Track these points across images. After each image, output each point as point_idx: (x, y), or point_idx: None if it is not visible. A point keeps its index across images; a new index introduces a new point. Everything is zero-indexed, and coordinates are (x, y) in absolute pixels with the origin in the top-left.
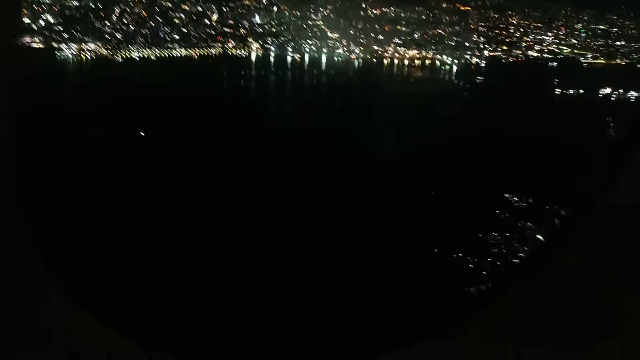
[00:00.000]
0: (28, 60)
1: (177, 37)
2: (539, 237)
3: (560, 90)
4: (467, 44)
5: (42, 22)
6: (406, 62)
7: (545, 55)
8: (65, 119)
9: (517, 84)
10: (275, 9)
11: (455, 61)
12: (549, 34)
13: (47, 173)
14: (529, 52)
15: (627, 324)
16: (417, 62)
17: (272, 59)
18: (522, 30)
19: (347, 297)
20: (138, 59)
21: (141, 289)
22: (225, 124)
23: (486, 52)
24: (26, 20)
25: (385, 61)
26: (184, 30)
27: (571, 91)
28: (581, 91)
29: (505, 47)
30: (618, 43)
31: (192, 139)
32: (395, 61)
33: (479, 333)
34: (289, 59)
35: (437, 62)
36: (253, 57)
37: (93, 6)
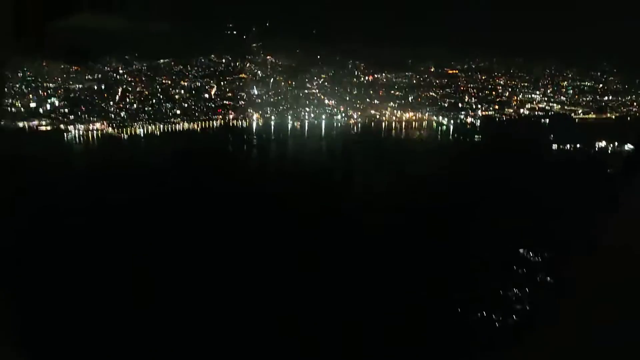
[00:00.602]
0: (37, 142)
1: (178, 112)
2: (557, 290)
3: (557, 146)
4: (460, 104)
5: (48, 106)
6: (404, 123)
7: (537, 113)
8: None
9: (514, 141)
10: (271, 80)
11: (452, 121)
12: (537, 92)
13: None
14: (521, 110)
15: None
16: (414, 123)
17: (272, 127)
18: (510, 90)
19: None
20: (142, 135)
21: None
22: (231, 188)
23: (479, 112)
24: (32, 104)
25: (383, 124)
26: (185, 105)
27: (568, 146)
28: (578, 145)
29: (497, 107)
30: (606, 98)
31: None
32: (393, 123)
33: None
34: (289, 126)
35: (434, 123)
36: (254, 126)
37: (96, 87)
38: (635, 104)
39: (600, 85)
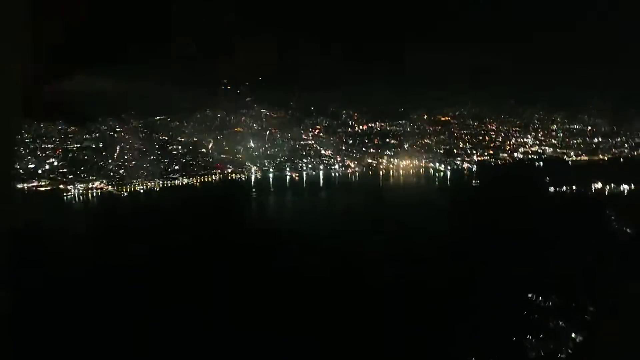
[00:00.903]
0: (37, 203)
1: (177, 167)
2: (573, 335)
3: (553, 188)
4: (455, 150)
5: (47, 166)
6: (401, 171)
7: (530, 156)
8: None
9: (512, 185)
10: (267, 132)
11: (448, 167)
12: (529, 136)
13: None
14: (515, 154)
15: None
16: (411, 170)
17: (271, 180)
18: (503, 134)
19: None
20: (142, 192)
21: None
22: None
23: (475, 157)
24: (31, 165)
25: (381, 172)
26: (183, 160)
27: (564, 188)
28: (574, 187)
29: (491, 152)
30: (596, 140)
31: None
32: (391, 171)
33: None
34: (288, 178)
35: (431, 170)
36: (253, 179)
37: (94, 146)
38: (625, 145)
39: (589, 127)
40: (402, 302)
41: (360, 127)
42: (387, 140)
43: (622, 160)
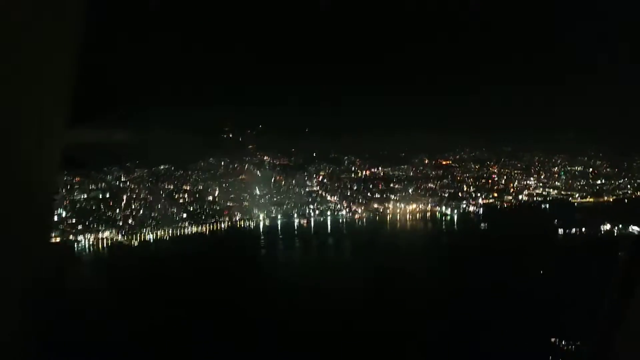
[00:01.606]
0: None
1: (185, 215)
2: None
3: (562, 231)
4: (459, 194)
5: (55, 217)
6: (408, 215)
7: (535, 199)
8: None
9: (520, 228)
10: (272, 179)
11: (455, 211)
12: (532, 178)
13: None
14: (519, 197)
15: None
16: (418, 215)
17: (279, 227)
18: (505, 177)
19: None
20: (152, 241)
21: None
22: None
23: (480, 200)
24: None
25: (388, 217)
26: (190, 208)
27: (573, 230)
28: (583, 229)
29: (496, 195)
30: (599, 182)
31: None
32: (397, 216)
33: None
34: (296, 224)
35: (437, 214)
36: (261, 226)
37: (101, 196)
38: (629, 186)
39: (590, 169)
40: None
41: (364, 172)
42: (391, 185)
43: (626, 201)
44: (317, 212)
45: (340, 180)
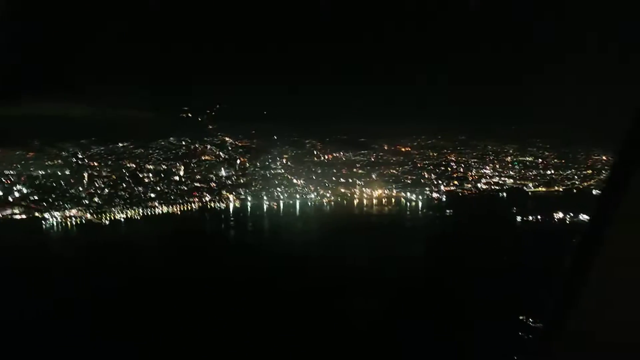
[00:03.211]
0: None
1: (152, 195)
2: None
3: (520, 218)
4: (422, 180)
5: (16, 194)
6: (375, 200)
7: (492, 187)
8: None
9: (484, 214)
10: (236, 161)
11: (419, 197)
12: (487, 167)
13: None
14: (478, 185)
15: None
16: (384, 200)
17: (249, 209)
18: (462, 165)
19: None
20: (123, 220)
21: None
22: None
23: (442, 187)
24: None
25: (355, 201)
26: (157, 188)
27: (530, 217)
28: (539, 217)
29: (456, 182)
30: (549, 172)
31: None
32: (365, 201)
33: None
34: (266, 206)
35: (402, 199)
36: (231, 208)
37: (60, 173)
38: (576, 177)
39: (539, 160)
40: None
41: (325, 156)
42: (355, 170)
43: (575, 191)
44: (285, 195)
45: (303, 163)
